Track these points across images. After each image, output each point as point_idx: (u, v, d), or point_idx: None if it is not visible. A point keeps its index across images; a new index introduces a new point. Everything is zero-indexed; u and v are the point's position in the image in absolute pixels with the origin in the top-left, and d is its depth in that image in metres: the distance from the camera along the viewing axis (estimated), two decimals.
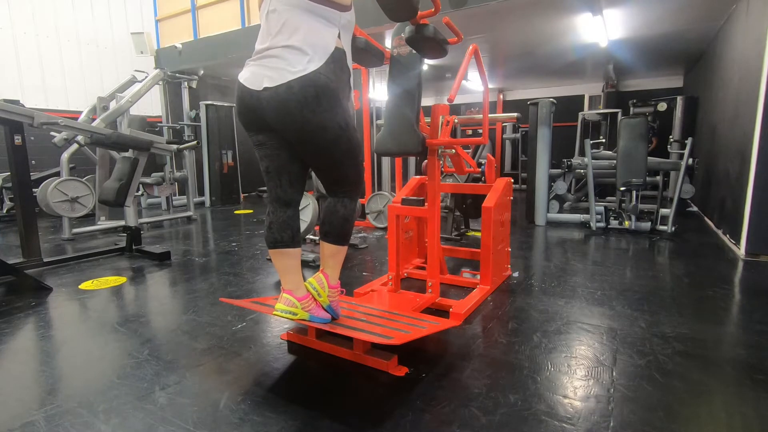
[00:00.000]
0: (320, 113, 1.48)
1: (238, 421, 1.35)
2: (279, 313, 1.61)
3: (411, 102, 2.06)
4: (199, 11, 6.11)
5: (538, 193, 4.72)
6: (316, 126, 1.49)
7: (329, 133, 1.53)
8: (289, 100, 1.46)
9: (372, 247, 3.78)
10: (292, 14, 1.48)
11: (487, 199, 2.53)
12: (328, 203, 1.70)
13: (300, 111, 1.46)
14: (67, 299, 2.53)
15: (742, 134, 3.50)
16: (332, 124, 1.52)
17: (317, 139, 1.53)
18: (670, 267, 3.05)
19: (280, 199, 1.64)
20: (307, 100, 1.46)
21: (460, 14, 4.09)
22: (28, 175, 3.04)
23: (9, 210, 5.35)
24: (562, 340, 1.91)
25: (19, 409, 1.43)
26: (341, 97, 1.54)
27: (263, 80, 1.48)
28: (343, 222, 1.68)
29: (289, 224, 1.63)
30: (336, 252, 1.70)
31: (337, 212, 1.68)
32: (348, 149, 1.60)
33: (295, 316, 1.61)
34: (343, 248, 1.71)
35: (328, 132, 1.52)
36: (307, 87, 1.45)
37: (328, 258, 1.70)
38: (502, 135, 8.79)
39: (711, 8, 4.15)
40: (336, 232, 1.68)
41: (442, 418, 1.35)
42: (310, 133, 1.51)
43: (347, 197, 1.70)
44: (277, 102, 1.47)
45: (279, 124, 1.51)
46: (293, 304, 1.60)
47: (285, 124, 1.51)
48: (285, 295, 1.61)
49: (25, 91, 6.19)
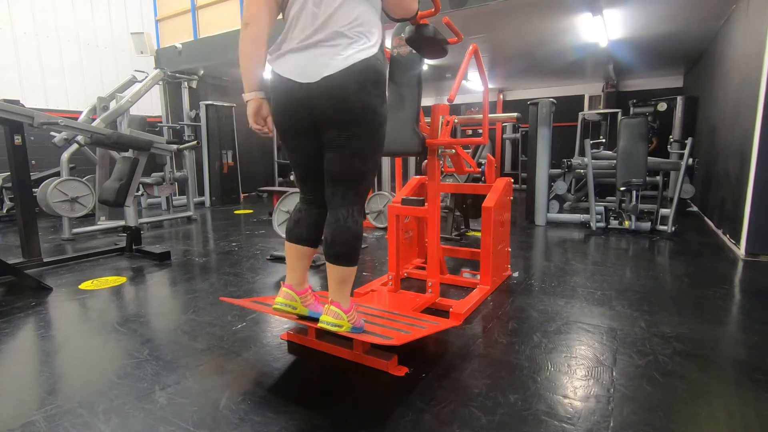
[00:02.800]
0: (375, 97, 1.43)
1: (238, 421, 1.35)
2: (279, 307, 1.60)
3: (411, 102, 2.06)
4: (199, 11, 6.11)
5: (538, 193, 4.72)
6: (368, 107, 1.42)
7: (377, 119, 1.47)
8: (349, 83, 1.39)
9: (372, 247, 3.78)
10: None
11: (487, 199, 2.52)
12: (336, 220, 1.51)
13: (357, 93, 1.39)
14: (67, 299, 2.53)
15: (742, 134, 3.50)
16: (381, 110, 1.47)
17: (365, 123, 1.44)
18: (670, 267, 3.06)
19: (314, 202, 1.63)
20: (367, 83, 1.40)
21: (460, 14, 4.09)
22: (28, 175, 3.04)
23: (9, 210, 5.35)
24: (562, 340, 1.91)
25: (19, 409, 1.43)
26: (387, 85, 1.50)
27: (321, 70, 1.38)
28: (355, 240, 1.51)
29: (318, 224, 1.62)
30: (348, 275, 1.53)
31: (349, 229, 1.50)
32: (379, 144, 1.53)
33: (294, 310, 1.61)
34: (355, 269, 1.55)
35: (378, 117, 1.46)
36: (368, 70, 1.41)
37: (338, 283, 1.52)
38: (502, 135, 8.80)
39: (711, 8, 4.15)
40: (349, 252, 1.50)
41: (442, 418, 1.35)
42: (360, 115, 1.42)
43: (355, 208, 1.53)
44: (333, 88, 1.39)
45: (329, 111, 1.41)
46: (293, 298, 1.60)
47: (335, 112, 1.41)
48: (285, 289, 1.61)
49: (25, 91, 6.18)
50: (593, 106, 8.48)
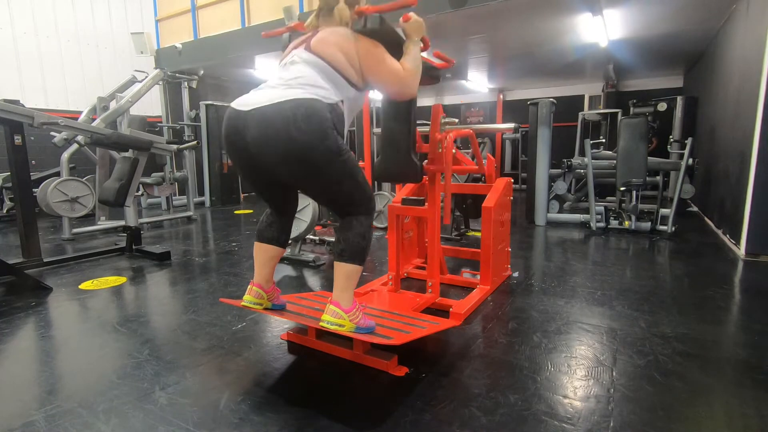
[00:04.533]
0: (308, 132, 1.39)
1: (238, 421, 1.35)
2: (247, 303, 1.69)
3: (406, 130, 2.06)
4: (199, 11, 6.10)
5: (538, 193, 4.72)
6: (303, 145, 1.39)
7: (317, 154, 1.42)
8: (276, 117, 1.40)
9: (372, 247, 3.78)
10: (308, 68, 1.51)
11: (487, 199, 2.52)
12: (343, 221, 1.60)
13: (285, 128, 1.38)
14: (67, 299, 2.53)
15: (742, 134, 3.50)
16: (321, 145, 1.42)
17: (306, 162, 1.43)
18: (670, 267, 3.06)
19: (280, 214, 1.73)
20: (296, 117, 1.39)
21: (460, 14, 4.08)
22: (28, 175, 3.04)
23: (9, 210, 5.34)
24: (562, 340, 1.91)
25: (19, 409, 1.43)
26: (335, 128, 1.46)
27: (258, 100, 1.45)
28: (359, 238, 1.56)
29: (286, 229, 1.74)
30: (352, 272, 1.56)
31: (353, 228, 1.56)
32: (344, 170, 1.50)
33: (260, 306, 1.71)
34: (359, 268, 1.57)
35: (316, 152, 1.42)
36: (299, 106, 1.40)
37: (342, 280, 1.55)
38: (502, 135, 8.79)
39: (711, 8, 4.15)
40: (352, 249, 1.55)
41: (442, 418, 1.35)
42: (297, 155, 1.41)
43: (362, 215, 1.60)
44: (262, 119, 1.41)
45: (260, 146, 1.43)
46: (261, 296, 1.70)
47: (267, 146, 1.42)
48: (255, 288, 1.69)
49: (25, 91, 6.18)
50: (593, 106, 8.48)
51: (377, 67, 1.57)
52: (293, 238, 3.29)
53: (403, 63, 1.61)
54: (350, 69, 1.55)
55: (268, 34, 1.89)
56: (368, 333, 1.59)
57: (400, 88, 1.61)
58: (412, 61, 1.63)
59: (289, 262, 3.28)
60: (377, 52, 1.56)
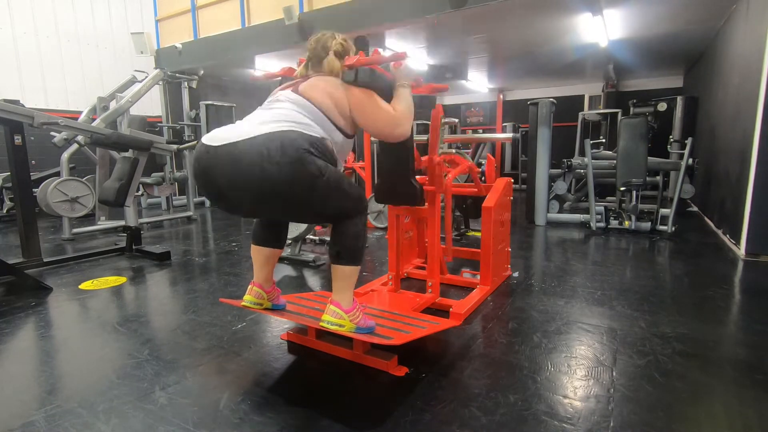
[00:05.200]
0: (284, 165, 1.30)
1: (238, 421, 1.35)
2: (247, 303, 1.71)
3: (405, 159, 2.07)
4: (199, 11, 6.10)
5: (538, 193, 4.72)
6: (280, 180, 1.31)
7: (297, 189, 1.35)
8: (248, 153, 1.31)
9: (372, 247, 3.78)
10: (293, 107, 1.48)
11: (487, 199, 2.52)
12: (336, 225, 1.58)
13: (260, 163, 1.30)
14: (67, 299, 2.53)
15: (742, 134, 3.50)
16: (300, 175, 1.33)
17: (285, 197, 1.37)
18: (670, 267, 3.05)
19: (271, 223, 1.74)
20: (269, 152, 1.30)
21: (460, 14, 4.08)
22: (28, 175, 3.04)
23: (9, 210, 5.34)
24: (562, 340, 1.91)
25: (19, 409, 1.43)
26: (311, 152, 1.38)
27: (226, 137, 1.38)
28: (354, 240, 1.55)
29: (282, 230, 1.76)
30: (350, 273, 1.55)
31: (347, 230, 1.55)
32: (328, 187, 1.42)
33: (260, 306, 1.72)
34: (357, 268, 1.57)
35: (296, 186, 1.34)
36: (272, 140, 1.32)
37: (341, 281, 1.55)
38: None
39: (711, 8, 4.15)
40: (348, 251, 1.54)
41: (442, 418, 1.35)
42: (274, 191, 1.34)
43: (354, 216, 1.57)
44: (232, 156, 1.33)
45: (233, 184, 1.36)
46: (261, 296, 1.71)
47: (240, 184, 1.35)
48: (256, 288, 1.71)
49: (25, 91, 6.18)
50: (593, 106, 8.49)
51: (371, 115, 1.58)
52: (293, 238, 3.29)
53: (394, 106, 1.61)
54: (339, 116, 1.55)
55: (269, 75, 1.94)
56: (368, 333, 1.59)
57: (393, 130, 1.61)
58: (403, 103, 1.63)
59: (289, 262, 3.28)
60: (369, 101, 1.56)
